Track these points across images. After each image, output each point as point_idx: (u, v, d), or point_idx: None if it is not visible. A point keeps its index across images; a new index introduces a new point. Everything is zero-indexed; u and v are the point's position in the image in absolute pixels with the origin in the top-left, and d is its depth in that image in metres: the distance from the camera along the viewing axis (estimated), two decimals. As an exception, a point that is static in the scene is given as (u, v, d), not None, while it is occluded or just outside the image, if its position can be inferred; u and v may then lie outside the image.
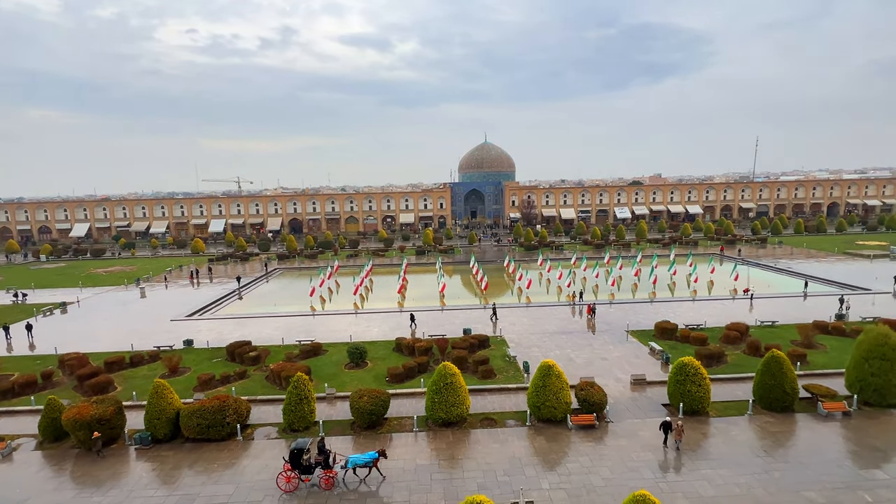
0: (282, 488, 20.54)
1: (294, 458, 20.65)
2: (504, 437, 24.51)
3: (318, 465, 20.99)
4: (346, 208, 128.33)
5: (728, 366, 32.34)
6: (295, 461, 20.66)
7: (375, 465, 21.18)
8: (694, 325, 40.35)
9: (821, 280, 57.59)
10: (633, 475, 21.04)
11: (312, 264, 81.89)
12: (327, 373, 33.28)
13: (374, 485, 21.05)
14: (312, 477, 21.10)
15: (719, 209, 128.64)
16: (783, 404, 25.89)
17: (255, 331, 43.57)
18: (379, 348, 37.84)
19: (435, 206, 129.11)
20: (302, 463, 20.68)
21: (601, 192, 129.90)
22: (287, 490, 20.53)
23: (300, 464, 20.68)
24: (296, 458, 20.65)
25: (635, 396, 28.68)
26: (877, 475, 20.49)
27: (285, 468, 20.76)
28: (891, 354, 25.52)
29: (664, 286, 58.98)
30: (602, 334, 40.05)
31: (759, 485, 20.10)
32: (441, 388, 25.18)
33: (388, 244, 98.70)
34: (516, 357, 34.87)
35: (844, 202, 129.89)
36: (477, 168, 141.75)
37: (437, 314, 48.26)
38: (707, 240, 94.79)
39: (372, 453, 21.37)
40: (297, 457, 20.64)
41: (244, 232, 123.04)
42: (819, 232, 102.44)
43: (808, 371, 30.80)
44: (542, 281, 63.81)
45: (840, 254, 76.06)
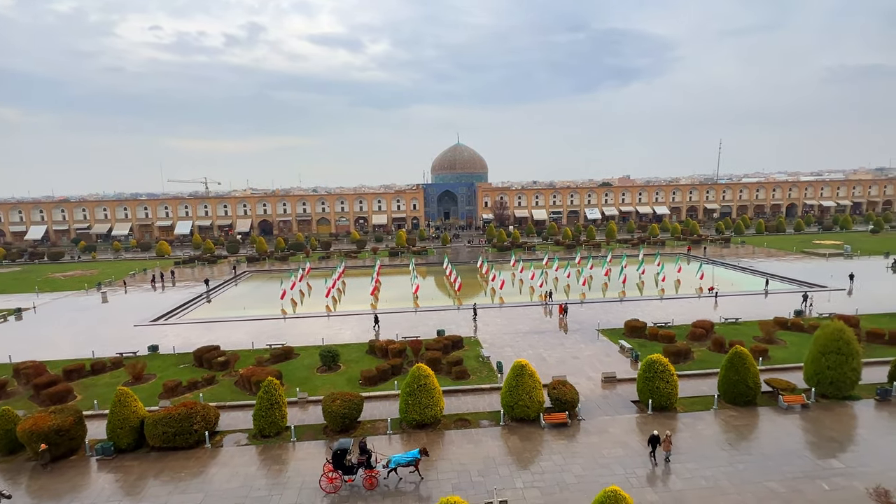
0: (325, 489, 20.47)
1: (337, 459, 20.52)
2: (478, 438, 24.60)
3: (361, 465, 20.87)
4: (318, 209, 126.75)
5: (694, 362, 33.26)
6: (338, 462, 20.52)
7: (417, 464, 21.15)
8: (662, 323, 41.37)
9: (780, 278, 59.88)
10: (605, 471, 21.41)
11: (283, 266, 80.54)
12: (299, 377, 32.75)
13: (414, 484, 20.92)
14: (355, 477, 21.03)
15: (685, 210, 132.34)
16: (746, 398, 26.78)
17: (224, 335, 42.56)
18: (352, 351, 37.46)
19: (408, 207, 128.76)
20: (345, 463, 20.58)
21: (572, 193, 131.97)
22: (330, 491, 20.45)
23: (343, 464, 20.57)
24: (339, 458, 20.53)
25: (606, 394, 29.20)
26: (833, 464, 21.41)
27: (327, 469, 20.67)
28: (845, 349, 26.71)
29: (633, 285, 60.27)
30: (574, 333, 40.65)
31: (725, 477, 20.74)
32: (415, 390, 25.10)
33: (360, 246, 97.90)
34: (490, 357, 35.05)
35: (802, 203, 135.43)
36: (450, 169, 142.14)
37: (411, 315, 48.11)
38: (674, 240, 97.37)
39: (414, 452, 21.28)
40: (340, 457, 20.54)
41: (212, 234, 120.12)
42: (778, 232, 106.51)
43: (770, 366, 31.96)
44: (515, 281, 64.37)
45: (798, 253, 79.24)
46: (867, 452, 22.20)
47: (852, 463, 21.44)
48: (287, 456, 23.49)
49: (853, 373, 26.86)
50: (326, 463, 21.13)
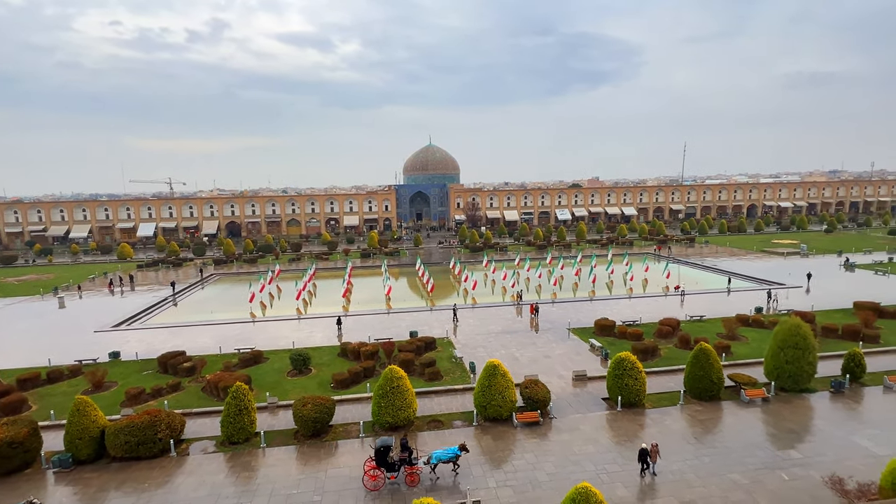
0: (368, 487, 20.53)
1: (380, 456, 20.59)
2: (451, 438, 24.59)
3: (403, 462, 20.93)
4: (288, 211, 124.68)
5: (661, 359, 34.11)
6: (381, 459, 20.59)
7: (457, 460, 21.28)
8: (630, 322, 42.29)
9: (742, 276, 62.05)
10: (576, 468, 21.72)
11: (252, 269, 78.89)
12: (269, 381, 32.11)
13: (454, 479, 21.12)
14: (397, 475, 21.03)
15: (652, 211, 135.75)
16: (710, 393, 27.62)
17: (190, 340, 41.38)
18: (323, 354, 36.96)
19: (380, 208, 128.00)
20: (387, 461, 20.66)
21: (543, 194, 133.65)
22: (373, 488, 20.53)
23: (386, 462, 20.64)
24: (382, 456, 20.59)
25: (577, 392, 29.65)
26: (792, 455, 22.28)
27: (370, 467, 20.71)
28: (802, 344, 27.86)
29: (603, 285, 61.42)
30: (545, 333, 41.14)
31: (691, 470, 21.32)
32: (388, 392, 24.93)
33: (332, 247, 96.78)
34: (463, 358, 35.14)
35: (761, 204, 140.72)
36: (422, 170, 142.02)
37: (384, 317, 47.80)
38: (642, 240, 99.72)
39: (454, 448, 21.35)
40: (384, 455, 20.60)
41: (177, 236, 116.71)
42: (740, 232, 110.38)
43: (732, 361, 33.05)
44: (487, 282, 64.74)
45: (758, 252, 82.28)
46: (823, 443, 23.21)
47: (809, 453, 22.37)
48: (257, 462, 22.99)
49: (810, 366, 28.04)
50: (368, 461, 21.22)
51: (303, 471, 22.19)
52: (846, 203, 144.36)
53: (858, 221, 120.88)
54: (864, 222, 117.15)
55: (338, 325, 43.12)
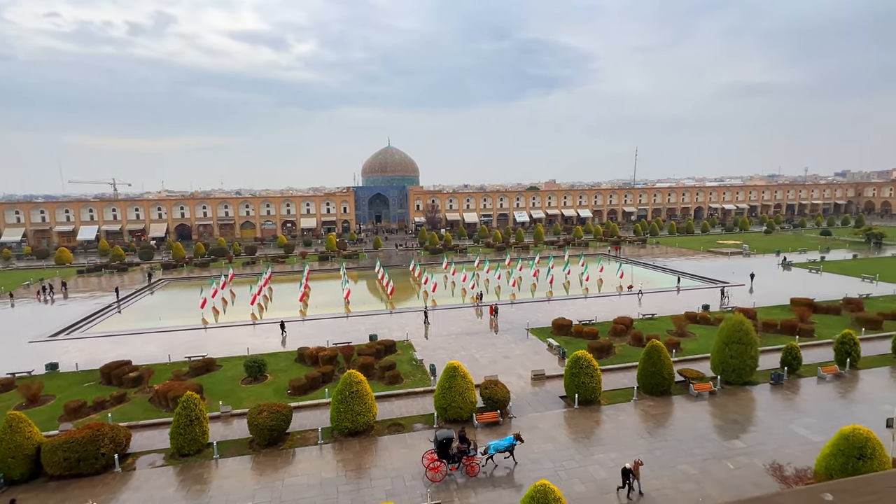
0: (431, 479, 20.84)
1: (442, 449, 20.93)
2: (412, 442, 24.47)
3: (462, 453, 21.36)
4: (242, 213, 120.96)
5: (616, 356, 35.15)
6: (443, 451, 20.94)
7: (512, 450, 21.86)
8: (586, 321, 43.38)
9: (690, 276, 64.85)
10: (535, 466, 22.05)
11: (204, 273, 75.99)
12: (222, 390, 30.98)
13: (511, 469, 21.78)
14: (458, 465, 21.46)
15: (606, 213, 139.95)
16: (662, 388, 28.68)
17: (137, 348, 39.41)
18: (280, 360, 36.02)
19: (338, 210, 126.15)
20: (449, 453, 21.04)
21: (501, 196, 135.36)
22: (435, 480, 20.84)
23: (447, 454, 21.02)
24: (444, 448, 20.94)
25: (536, 391, 30.13)
26: (737, 445, 23.43)
27: (431, 459, 21.10)
28: (745, 339, 29.37)
29: (560, 285, 62.78)
30: (504, 333, 41.61)
31: (644, 463, 22.02)
32: (347, 397, 24.55)
33: (288, 250, 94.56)
34: (423, 360, 35.04)
35: (707, 206, 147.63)
36: (381, 172, 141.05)
37: (342, 321, 47.09)
38: (597, 241, 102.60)
39: (510, 438, 21.96)
40: (445, 447, 20.97)
41: (122, 240, 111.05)
42: (688, 233, 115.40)
43: (682, 357, 34.46)
44: (447, 284, 64.91)
45: (705, 252, 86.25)
46: (764, 432, 24.53)
47: (752, 442, 23.58)
48: (209, 474, 22.11)
49: (752, 360, 29.59)
50: (429, 453, 21.61)
51: (258, 481, 21.51)
52: (783, 205, 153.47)
53: (794, 223, 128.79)
54: (799, 224, 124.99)
55: (281, 330, 42.33)
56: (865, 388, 29.35)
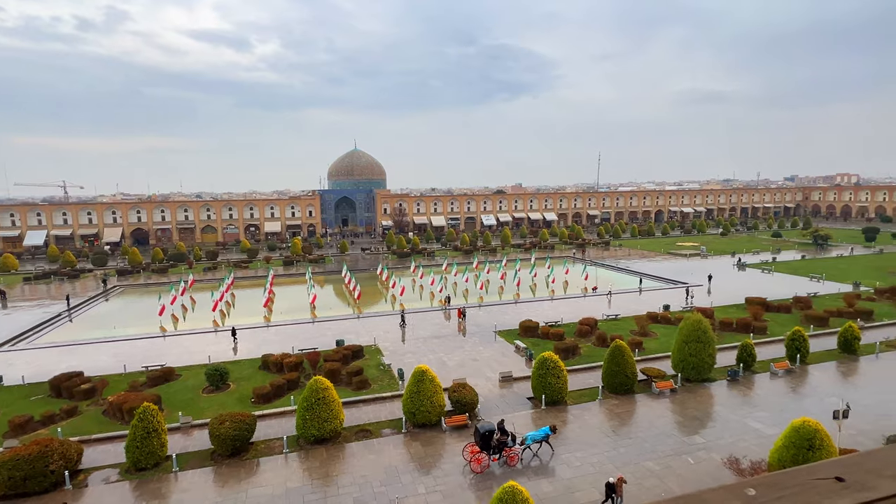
0: (475, 470, 21.76)
1: (485, 440, 21.90)
2: (380, 447, 24.24)
3: (503, 444, 22.27)
4: (203, 217, 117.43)
5: (581, 357, 35.81)
6: (485, 443, 21.92)
7: (548, 439, 23.04)
8: (553, 322, 44.03)
9: (652, 277, 66.80)
10: (504, 467, 22.19)
11: (162, 279, 73.28)
12: (182, 400, 29.91)
13: (547, 458, 23.02)
14: (499, 456, 22.38)
15: (571, 216, 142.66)
16: (625, 387, 29.38)
17: (89, 359, 37.62)
18: (243, 367, 35.07)
19: (303, 214, 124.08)
20: (491, 444, 21.99)
21: (469, 200, 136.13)
22: (479, 471, 21.74)
23: (489, 445, 21.99)
24: (486, 439, 21.91)
25: (503, 393, 30.35)
26: (696, 440, 24.22)
27: (474, 451, 22.09)
28: (703, 337, 30.44)
29: (527, 288, 63.54)
30: (472, 336, 41.78)
31: (609, 461, 22.52)
32: (313, 404, 24.11)
33: (252, 255, 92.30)
34: (391, 365, 34.80)
35: (667, 210, 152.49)
36: (347, 175, 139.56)
37: (308, 327, 46.27)
38: (562, 244, 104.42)
39: (545, 428, 23.18)
40: (488, 439, 21.95)
41: (73, 245, 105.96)
42: (649, 235, 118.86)
43: (644, 356, 35.40)
44: (416, 287, 64.72)
45: (665, 254, 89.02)
46: (722, 427, 25.45)
47: (711, 437, 24.43)
48: (168, 489, 21.28)
49: (710, 358, 30.69)
50: (469, 446, 22.58)
51: (220, 493, 20.85)
52: (738, 209, 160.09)
53: (748, 225, 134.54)
54: (752, 226, 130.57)
55: (233, 337, 41.26)
56: (814, 382, 30.87)
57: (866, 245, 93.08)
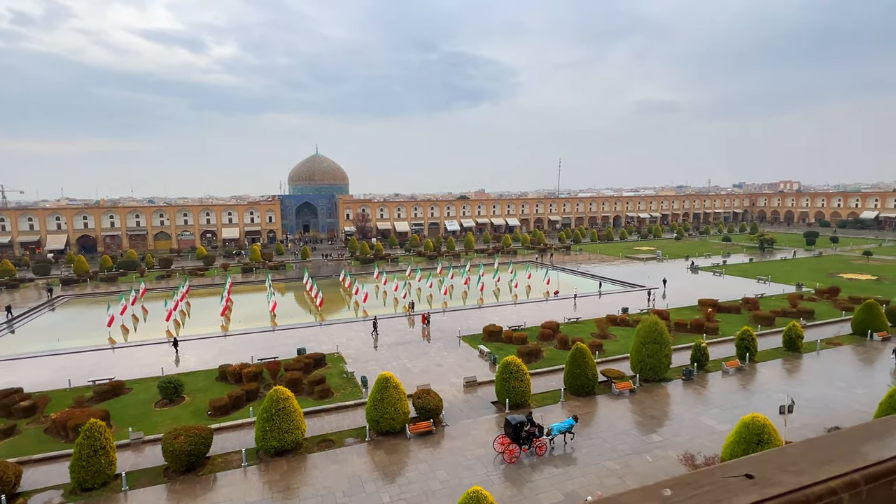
0: (508, 461, 22.79)
1: (517, 432, 22.98)
2: (343, 457, 23.81)
3: (532, 435, 23.34)
4: (156, 223, 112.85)
5: (544, 360, 36.33)
6: (517, 434, 22.98)
7: (571, 429, 24.25)
8: (516, 327, 44.51)
9: (611, 280, 68.62)
10: (468, 473, 22.19)
11: (111, 289, 69.84)
12: (132, 415, 28.53)
13: (571, 447, 24.23)
14: (529, 447, 23.42)
15: (533, 221, 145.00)
16: (587, 389, 29.99)
17: (31, 374, 35.40)
18: (199, 379, 33.80)
19: (263, 219, 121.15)
20: (522, 435, 23.04)
21: (432, 205, 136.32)
22: (511, 461, 22.81)
23: (520, 437, 23.03)
24: (518, 431, 22.98)
25: (468, 398, 30.42)
26: (654, 439, 24.95)
27: (505, 442, 23.09)
28: (660, 339, 31.46)
29: (490, 292, 64.04)
30: (436, 342, 41.73)
31: (571, 462, 22.88)
32: (273, 415, 23.45)
33: (208, 262, 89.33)
34: (354, 373, 34.31)
35: (625, 215, 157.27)
36: (308, 180, 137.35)
37: (268, 335, 45.09)
38: (525, 249, 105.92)
39: (570, 420, 24.46)
40: (519, 430, 23.02)
41: (12, 253, 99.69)
42: (608, 240, 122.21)
43: (605, 358, 36.26)
44: (379, 294, 64.18)
45: (623, 258, 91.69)
46: (678, 425, 26.32)
47: (668, 435, 25.22)
48: (117, 509, 20.19)
49: (666, 358, 31.73)
50: (501, 437, 23.47)
51: (174, 511, 19.94)
52: (690, 214, 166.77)
53: (700, 230, 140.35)
54: (704, 231, 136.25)
55: (174, 348, 39.87)
56: (762, 379, 32.39)
57: (807, 248, 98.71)
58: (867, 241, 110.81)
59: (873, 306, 40.96)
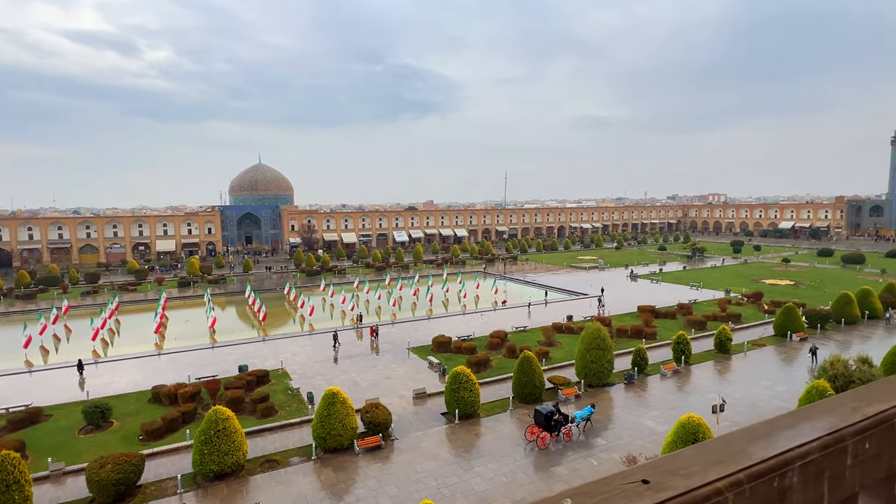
0: (541, 447, 24.90)
1: (547, 421, 24.83)
2: (288, 478, 22.91)
3: (560, 423, 25.22)
4: (81, 235, 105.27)
5: (493, 369, 36.67)
6: (547, 423, 24.84)
7: (590, 417, 26.70)
8: (465, 337, 44.72)
9: (556, 289, 70.50)
10: (419, 486, 21.92)
11: (29, 307, 64.29)
12: (53, 444, 26.22)
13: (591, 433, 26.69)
14: (558, 434, 25.45)
15: (481, 232, 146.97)
16: (534, 396, 30.51)
17: (-70, 404, 31.79)
18: (129, 402, 31.61)
19: (202, 231, 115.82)
20: (552, 424, 24.87)
21: (381, 216, 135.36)
22: (545, 447, 24.88)
23: (550, 425, 24.86)
24: (548, 419, 24.84)
25: (417, 410, 30.16)
26: (599, 442, 25.68)
27: (536, 431, 25.16)
28: (603, 345, 32.57)
29: (439, 303, 64.12)
30: (385, 354, 41.21)
31: (520, 470, 23.13)
32: (212, 437, 22.24)
33: (141, 276, 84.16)
34: (300, 389, 33.23)
35: (568, 226, 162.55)
36: (251, 190, 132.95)
37: (207, 353, 42.92)
38: (473, 259, 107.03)
39: (589, 408, 27.00)
40: (549, 419, 24.86)
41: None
42: (553, 250, 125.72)
43: (551, 365, 37.06)
44: (326, 307, 62.72)
45: (567, 267, 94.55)
46: (620, 428, 27.25)
47: (611, 438, 26.04)
48: (32, 549, 18.40)
49: (608, 364, 32.87)
50: (531, 427, 25.59)
51: (100, 547, 18.42)
52: (629, 224, 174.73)
53: (638, 240, 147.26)
54: (642, 240, 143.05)
55: (79, 372, 37.04)
56: (696, 381, 34.18)
57: (734, 256, 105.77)
58: (785, 248, 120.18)
59: (792, 309, 44.35)
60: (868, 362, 29.40)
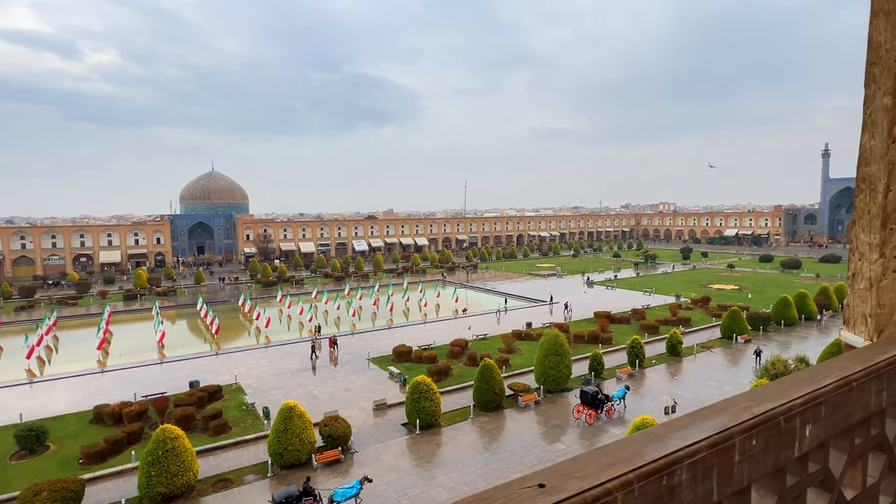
0: (589, 423, 27.97)
1: (593, 399, 27.99)
2: (242, 497, 22.03)
3: (602, 402, 28.42)
4: (15, 246, 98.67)
5: (454, 378, 36.63)
6: (593, 401, 28.00)
7: (624, 396, 30.01)
8: (426, 346, 44.54)
9: (516, 297, 71.40)
10: (379, 499, 21.55)
11: (-45, 324, 59.50)
12: (-21, 472, 24.21)
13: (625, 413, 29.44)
14: (601, 410, 28.60)
15: (441, 240, 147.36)
16: (495, 404, 30.66)
17: None
18: (68, 423, 29.67)
19: (150, 241, 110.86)
20: (597, 402, 28.11)
21: (339, 225, 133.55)
22: (592, 423, 27.91)
23: (594, 403, 28.06)
24: (594, 398, 27.97)
25: (378, 421, 29.72)
26: (558, 447, 26.04)
27: (581, 409, 28.56)
28: (561, 351, 33.16)
29: (400, 312, 63.67)
30: (344, 366, 40.49)
31: (482, 478, 23.12)
32: (159, 457, 21.14)
33: (82, 289, 79.54)
34: (255, 404, 32.12)
35: (527, 234, 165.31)
36: (203, 199, 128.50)
37: (156, 369, 40.93)
38: (433, 268, 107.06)
39: (623, 389, 30.33)
40: (595, 397, 27.97)
41: None
42: (512, 258, 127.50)
43: (511, 372, 37.36)
44: (283, 318, 61.14)
45: (526, 275, 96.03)
46: (579, 432, 27.73)
47: (570, 443, 26.46)
48: (-45, 589, 16.88)
49: (567, 369, 33.48)
50: (578, 406, 28.86)
51: (33, 582, 17.09)
52: (585, 232, 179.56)
53: (594, 247, 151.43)
54: (597, 248, 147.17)
55: None
56: (650, 383, 35.29)
57: (683, 262, 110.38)
58: (730, 255, 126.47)
59: (737, 313, 46.63)
60: (805, 361, 31.25)
